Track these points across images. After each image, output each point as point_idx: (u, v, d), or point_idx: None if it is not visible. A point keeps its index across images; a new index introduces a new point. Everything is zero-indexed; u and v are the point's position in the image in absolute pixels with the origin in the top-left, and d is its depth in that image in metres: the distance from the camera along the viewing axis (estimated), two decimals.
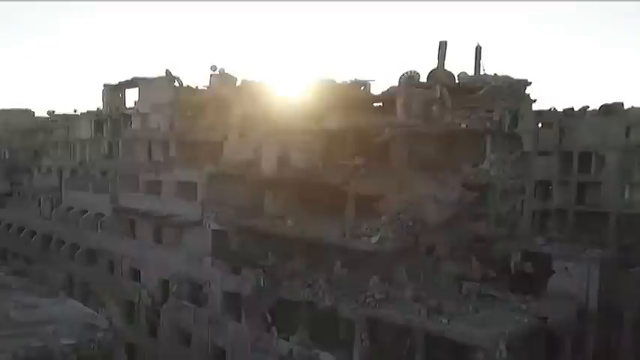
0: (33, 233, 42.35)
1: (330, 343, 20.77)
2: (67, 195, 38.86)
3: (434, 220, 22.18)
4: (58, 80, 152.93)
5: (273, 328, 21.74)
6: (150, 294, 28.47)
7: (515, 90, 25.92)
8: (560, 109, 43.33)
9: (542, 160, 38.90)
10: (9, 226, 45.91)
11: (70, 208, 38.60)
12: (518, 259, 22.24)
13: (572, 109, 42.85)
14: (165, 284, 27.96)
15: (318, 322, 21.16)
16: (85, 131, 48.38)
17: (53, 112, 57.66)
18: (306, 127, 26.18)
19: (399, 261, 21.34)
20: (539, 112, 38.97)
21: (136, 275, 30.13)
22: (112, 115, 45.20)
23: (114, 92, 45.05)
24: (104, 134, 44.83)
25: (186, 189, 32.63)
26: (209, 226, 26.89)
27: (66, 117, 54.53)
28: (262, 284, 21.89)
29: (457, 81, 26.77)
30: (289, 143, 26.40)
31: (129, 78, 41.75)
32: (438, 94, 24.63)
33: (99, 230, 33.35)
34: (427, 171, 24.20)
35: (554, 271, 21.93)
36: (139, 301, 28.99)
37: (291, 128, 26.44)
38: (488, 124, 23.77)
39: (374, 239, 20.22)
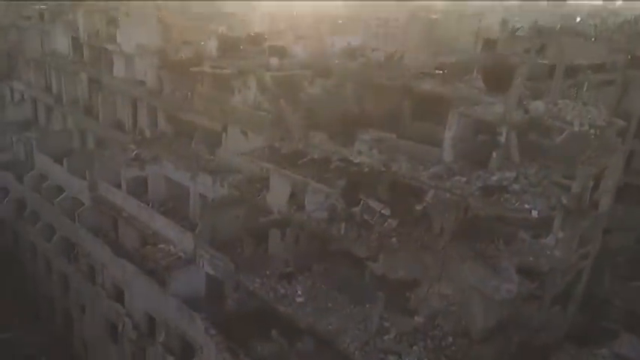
0: (4, 192, 38.79)
1: None
2: (40, 160, 34.64)
3: (480, 328, 18.61)
4: None
5: None
6: (135, 325, 25.80)
7: (607, 139, 20.85)
8: None
9: None
10: None
11: (43, 178, 34.62)
12: None
13: None
14: (152, 320, 25.14)
15: None
16: (62, 45, 42.44)
17: None
18: None
19: None
20: None
21: (119, 295, 27.20)
22: (91, 42, 39.19)
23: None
24: (84, 61, 39.03)
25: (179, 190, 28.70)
26: (203, 266, 23.35)
27: (40, 14, 48.02)
28: None
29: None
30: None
31: None
32: None
33: (76, 222, 29.62)
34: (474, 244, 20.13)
35: None
36: (123, 327, 26.42)
37: None
38: (563, 200, 19.17)
39: None
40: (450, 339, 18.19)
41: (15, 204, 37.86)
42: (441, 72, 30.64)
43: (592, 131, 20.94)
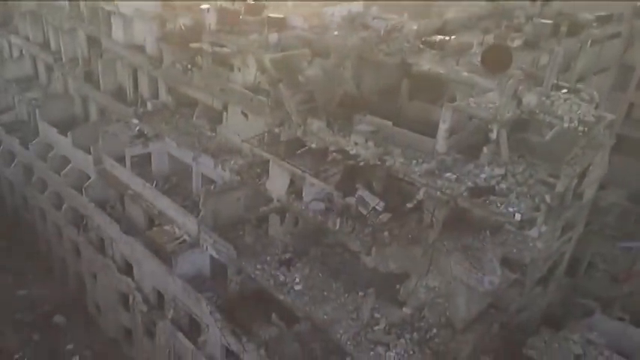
0: (11, 156, 40.22)
1: None
2: (44, 129, 35.81)
3: (462, 318, 20.59)
4: None
5: None
6: (145, 299, 28.05)
7: (594, 137, 21.93)
8: None
9: None
10: None
11: (48, 147, 35.92)
12: None
13: None
14: (162, 295, 27.35)
15: None
16: None
17: None
18: None
19: None
20: None
21: (129, 269, 29.30)
22: None
23: None
24: (82, 17, 38.93)
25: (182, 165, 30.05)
26: (207, 249, 25.21)
27: None
28: None
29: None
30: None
31: None
32: None
33: (84, 196, 31.30)
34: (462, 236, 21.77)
35: None
36: (133, 300, 28.70)
37: None
38: (547, 198, 20.57)
39: None
40: (435, 330, 20.17)
41: (22, 168, 39.39)
42: (441, 39, 31.18)
43: (580, 128, 21.96)
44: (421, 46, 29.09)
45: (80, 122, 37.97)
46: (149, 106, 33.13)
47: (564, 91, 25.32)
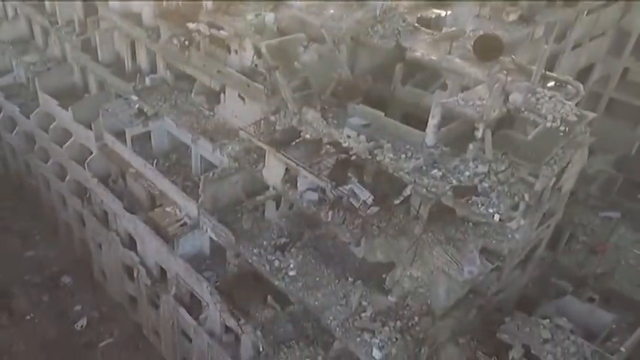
0: (12, 122, 41.33)
1: None
2: (44, 101, 36.85)
3: (442, 306, 22.71)
4: None
5: None
6: (148, 273, 30.14)
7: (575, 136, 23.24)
8: None
9: None
10: None
11: (49, 117, 37.00)
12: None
13: None
14: (164, 271, 29.39)
15: None
16: None
17: None
18: None
19: None
20: None
21: (133, 243, 31.22)
22: None
23: None
24: None
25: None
26: (207, 231, 27.06)
27: None
28: (261, 349, 23.59)
29: None
30: None
31: None
32: None
33: (86, 170, 32.84)
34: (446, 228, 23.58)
35: None
36: (138, 273, 30.81)
37: None
38: (526, 197, 22.23)
39: (377, 355, 21.17)
40: (416, 319, 22.28)
41: (24, 136, 40.62)
42: (437, 15, 31.89)
43: (562, 128, 23.27)
44: (416, 24, 29.82)
45: (79, 92, 38.93)
46: (147, 81, 34.06)
47: (551, 83, 26.41)
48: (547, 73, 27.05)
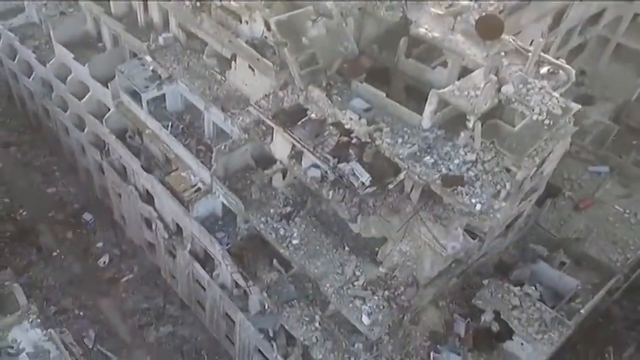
0: (28, 66, 43.31)
1: None
2: (60, 52, 38.76)
3: (427, 277, 26.34)
4: None
5: None
6: (166, 227, 33.78)
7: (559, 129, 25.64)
8: None
9: None
10: None
11: (66, 67, 39.03)
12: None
13: None
14: (180, 227, 32.98)
15: None
16: None
17: None
18: None
19: None
20: None
21: (150, 197, 34.59)
22: None
23: None
24: None
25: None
26: (219, 197, 30.31)
27: None
28: (265, 308, 27.60)
29: None
30: None
31: None
32: None
33: (104, 126, 35.61)
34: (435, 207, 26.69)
35: None
36: (155, 227, 34.45)
37: None
38: (507, 186, 25.13)
39: (365, 320, 25.03)
40: (402, 288, 25.96)
41: (41, 81, 42.87)
42: None
43: (547, 121, 25.69)
44: None
45: (93, 41, 40.65)
46: (161, 40, 35.82)
47: (546, 69, 28.43)
48: (542, 56, 29.00)
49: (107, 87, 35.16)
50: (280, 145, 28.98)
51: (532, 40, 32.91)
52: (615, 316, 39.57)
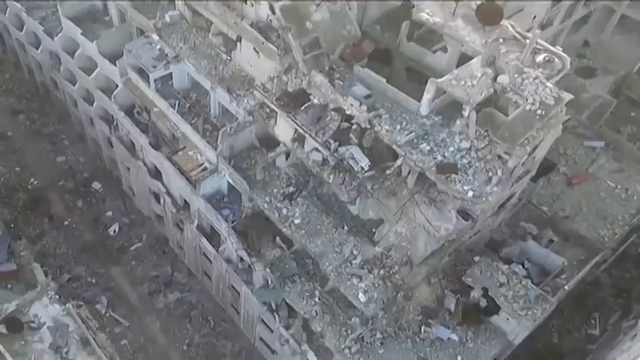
0: (36, 37, 44.22)
1: None
2: (68, 27, 39.70)
3: (420, 256, 28.23)
4: None
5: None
6: (174, 202, 35.57)
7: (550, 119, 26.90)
8: None
9: None
10: None
11: (74, 42, 40.03)
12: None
13: None
14: (187, 203, 34.76)
15: None
16: None
17: None
18: None
19: None
20: None
21: (158, 173, 36.25)
22: None
23: None
24: None
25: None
26: (225, 176, 31.99)
27: None
28: (268, 282, 29.62)
29: None
30: None
31: None
32: None
33: (112, 102, 36.96)
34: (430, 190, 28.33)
35: None
36: (163, 202, 36.24)
37: None
38: (499, 173, 26.65)
39: (362, 297, 27.03)
40: (397, 268, 27.89)
41: (49, 53, 43.89)
42: None
43: (539, 112, 26.99)
44: None
45: (100, 15, 41.50)
46: (167, 18, 36.71)
47: (542, 57, 29.49)
48: (539, 43, 30.01)
49: (115, 64, 36.27)
50: (284, 128, 30.40)
51: (530, 28, 33.72)
52: (603, 283, 41.72)
